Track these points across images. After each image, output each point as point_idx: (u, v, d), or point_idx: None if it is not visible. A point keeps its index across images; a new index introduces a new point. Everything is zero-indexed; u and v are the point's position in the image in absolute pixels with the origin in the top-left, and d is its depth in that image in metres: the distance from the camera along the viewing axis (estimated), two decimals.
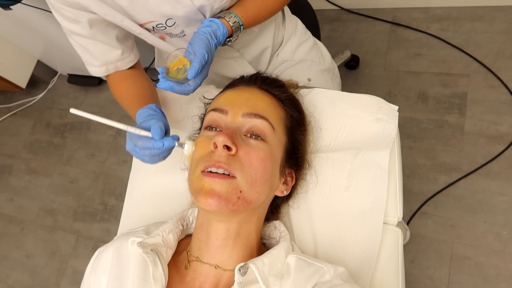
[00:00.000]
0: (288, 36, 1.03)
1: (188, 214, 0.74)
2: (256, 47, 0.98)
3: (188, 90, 0.68)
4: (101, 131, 2.09)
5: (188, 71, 0.65)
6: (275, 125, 0.66)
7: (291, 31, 1.03)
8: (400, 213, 0.73)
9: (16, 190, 2.14)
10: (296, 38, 1.03)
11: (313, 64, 1.04)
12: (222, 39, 0.73)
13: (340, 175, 0.75)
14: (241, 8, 0.77)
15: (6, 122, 2.37)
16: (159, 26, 0.78)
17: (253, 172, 0.60)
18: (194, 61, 0.66)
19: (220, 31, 0.72)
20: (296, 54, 1.03)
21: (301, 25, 1.07)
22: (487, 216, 1.36)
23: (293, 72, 0.99)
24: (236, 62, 0.98)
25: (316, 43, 1.08)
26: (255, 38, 0.96)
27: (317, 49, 1.07)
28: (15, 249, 1.99)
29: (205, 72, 0.69)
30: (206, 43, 0.69)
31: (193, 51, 0.67)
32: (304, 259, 0.62)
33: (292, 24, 1.04)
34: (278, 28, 1.00)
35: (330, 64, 1.08)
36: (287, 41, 1.03)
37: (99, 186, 1.97)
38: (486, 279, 1.30)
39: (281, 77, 0.78)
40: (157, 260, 0.62)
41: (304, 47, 1.04)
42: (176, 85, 0.66)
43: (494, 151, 1.42)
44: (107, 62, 0.83)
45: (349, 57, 1.69)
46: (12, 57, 2.08)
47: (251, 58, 0.99)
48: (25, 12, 1.58)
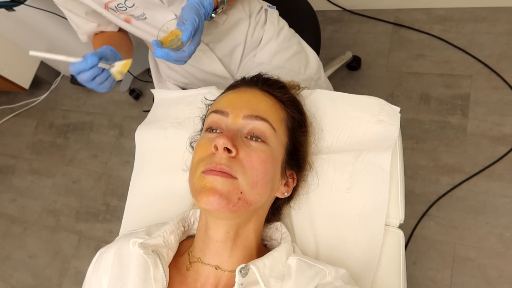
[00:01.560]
0: (268, 39, 1.01)
1: (190, 215, 0.74)
2: (226, 43, 0.97)
3: (183, 56, 0.71)
4: (104, 131, 2.10)
5: (182, 33, 0.69)
6: (276, 126, 0.66)
7: (272, 34, 1.01)
8: (402, 215, 0.73)
9: (19, 190, 2.15)
10: (276, 42, 1.01)
11: (290, 72, 1.01)
12: (209, 9, 0.76)
13: (341, 176, 0.74)
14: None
15: (9, 122, 2.38)
16: (120, 6, 0.82)
17: (254, 173, 0.60)
18: (186, 24, 0.69)
19: (206, 1, 0.75)
20: (274, 59, 1.01)
21: (287, 30, 1.05)
22: (489, 218, 1.35)
23: None
24: (204, 54, 0.97)
25: (301, 51, 1.06)
26: (226, 34, 0.96)
27: (300, 58, 1.04)
28: (17, 249, 2.00)
29: (197, 38, 0.72)
30: (195, 10, 0.73)
31: (184, 19, 0.71)
32: (305, 260, 0.62)
33: (274, 28, 1.02)
34: (254, 28, 0.99)
35: (312, 74, 1.05)
36: (266, 43, 1.01)
37: (101, 187, 1.98)
38: (489, 281, 1.29)
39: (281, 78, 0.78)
40: (158, 261, 0.62)
41: (284, 54, 1.02)
42: (171, 52, 0.70)
43: (497, 153, 1.42)
44: (87, 32, 0.96)
45: (350, 58, 1.69)
46: (15, 58, 2.08)
47: (222, 54, 0.99)
48: (28, 13, 1.59)
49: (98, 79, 0.73)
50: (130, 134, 2.03)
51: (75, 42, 1.82)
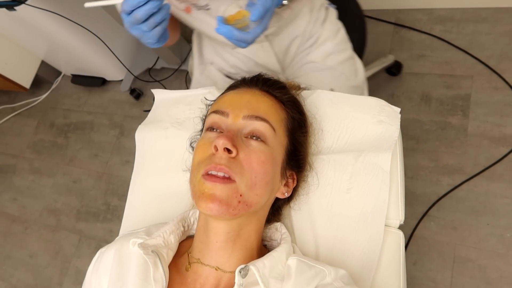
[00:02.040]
0: (325, 38, 0.97)
1: (189, 215, 0.74)
2: (285, 37, 0.94)
3: (247, 37, 0.65)
4: (104, 131, 2.10)
5: (251, 13, 0.63)
6: (276, 127, 0.66)
7: (330, 34, 0.97)
8: (402, 215, 0.73)
9: (19, 190, 2.15)
10: (332, 43, 0.97)
11: (342, 76, 0.97)
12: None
13: (341, 177, 0.74)
14: None
15: (10, 122, 2.38)
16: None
17: (253, 175, 0.60)
18: (257, 4, 0.63)
19: None
20: (328, 59, 0.97)
21: (343, 33, 1.01)
22: (490, 219, 1.35)
23: (317, 77, 0.95)
24: (262, 47, 0.94)
25: (353, 57, 1.02)
26: (285, 28, 0.92)
27: (352, 63, 1.00)
28: (18, 248, 2.00)
29: (265, 22, 0.66)
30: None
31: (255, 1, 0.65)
32: (305, 261, 0.62)
33: (333, 28, 0.98)
34: (313, 24, 0.95)
35: (361, 83, 1.01)
36: (323, 43, 0.97)
37: (102, 186, 1.98)
38: (489, 281, 1.29)
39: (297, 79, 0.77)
40: (157, 261, 0.62)
41: (339, 56, 0.97)
42: (235, 31, 0.64)
43: (497, 153, 1.42)
44: None
45: (392, 62, 1.61)
46: (16, 57, 2.09)
47: (279, 49, 0.96)
48: (29, 12, 1.59)
49: (152, 20, 0.64)
50: (130, 134, 2.03)
51: (76, 42, 1.82)
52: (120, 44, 1.99)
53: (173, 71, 1.99)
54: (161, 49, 1.80)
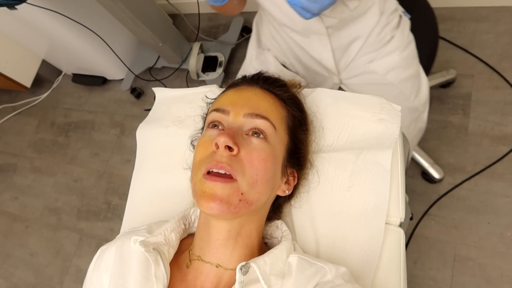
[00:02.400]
0: (394, 48, 0.90)
1: (190, 213, 0.74)
2: (347, 34, 0.87)
3: (313, 7, 0.63)
4: (105, 130, 2.10)
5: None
6: (277, 124, 0.66)
7: (399, 45, 0.91)
8: (402, 213, 0.73)
9: (20, 188, 2.15)
10: (400, 56, 0.90)
11: (400, 95, 0.91)
12: None
13: (342, 175, 0.74)
14: None
15: (11, 121, 2.38)
16: None
17: (254, 172, 0.60)
18: None
19: None
20: (390, 74, 0.90)
21: (413, 48, 0.94)
22: (490, 217, 1.35)
23: (374, 91, 0.89)
24: (319, 39, 0.88)
25: (417, 76, 0.94)
26: (349, 23, 0.86)
27: (414, 83, 0.93)
28: (19, 247, 2.01)
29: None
30: None
31: None
32: (306, 258, 0.62)
33: (403, 39, 0.91)
34: (382, 27, 0.89)
35: (420, 105, 0.95)
36: (390, 53, 0.90)
37: (102, 185, 1.98)
38: (490, 280, 1.29)
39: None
40: (159, 259, 0.62)
41: (402, 72, 0.91)
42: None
43: (498, 152, 1.42)
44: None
45: (452, 78, 1.52)
46: (17, 56, 2.09)
47: (337, 45, 0.90)
48: (30, 11, 1.59)
49: None
50: (131, 133, 2.03)
51: (77, 41, 1.83)
52: (121, 43, 1.99)
53: (173, 70, 1.99)
54: (162, 48, 1.80)
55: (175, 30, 1.86)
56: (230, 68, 1.96)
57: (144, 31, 1.68)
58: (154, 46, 1.81)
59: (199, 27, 1.90)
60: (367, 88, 0.90)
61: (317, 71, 0.95)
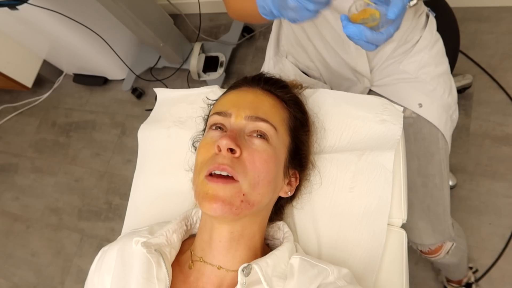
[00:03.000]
0: (422, 47, 0.90)
1: (192, 214, 0.74)
2: None
3: (380, 38, 0.58)
4: (106, 130, 2.10)
5: (389, 9, 0.55)
6: (278, 126, 0.66)
7: (428, 43, 0.90)
8: (404, 214, 0.73)
9: (21, 188, 2.16)
10: (429, 54, 0.90)
11: (434, 92, 0.89)
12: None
13: (344, 176, 0.74)
14: None
15: (12, 121, 2.38)
16: None
17: (256, 174, 0.60)
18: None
19: None
20: (421, 71, 0.89)
21: (441, 45, 0.93)
22: (492, 218, 1.35)
23: (407, 89, 0.89)
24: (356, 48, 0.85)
25: (449, 73, 0.93)
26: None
27: (446, 80, 0.92)
28: (20, 247, 2.01)
29: (399, 20, 0.58)
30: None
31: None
32: (308, 260, 0.62)
33: (431, 37, 0.91)
34: (412, 29, 0.88)
35: (453, 102, 0.93)
36: (419, 52, 0.90)
37: (103, 185, 1.98)
38: (491, 281, 1.29)
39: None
40: (161, 260, 0.62)
41: (434, 70, 0.89)
42: (367, 30, 0.56)
43: (500, 153, 1.42)
44: None
45: (469, 83, 1.50)
46: (19, 56, 2.09)
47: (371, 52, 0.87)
48: (31, 12, 1.59)
49: None
50: (132, 133, 2.03)
51: (78, 41, 1.83)
52: (122, 43, 1.99)
53: (174, 70, 1.99)
54: (163, 49, 1.80)
55: (176, 30, 1.86)
56: (231, 68, 1.96)
57: (145, 31, 1.68)
58: (155, 46, 1.81)
59: (200, 27, 1.90)
60: (401, 86, 0.89)
61: (346, 76, 0.94)
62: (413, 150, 0.89)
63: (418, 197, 0.90)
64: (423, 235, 0.92)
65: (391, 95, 0.90)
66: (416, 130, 0.89)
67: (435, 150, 0.90)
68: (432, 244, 0.94)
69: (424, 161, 0.89)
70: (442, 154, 0.90)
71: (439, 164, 0.90)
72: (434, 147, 0.89)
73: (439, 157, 0.90)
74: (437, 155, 0.90)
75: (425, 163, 0.89)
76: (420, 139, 0.89)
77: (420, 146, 0.89)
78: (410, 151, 0.88)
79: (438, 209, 0.91)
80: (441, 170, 0.90)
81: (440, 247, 0.97)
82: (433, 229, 0.92)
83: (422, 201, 0.90)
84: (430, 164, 0.89)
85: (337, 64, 0.92)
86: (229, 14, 0.81)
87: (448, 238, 0.95)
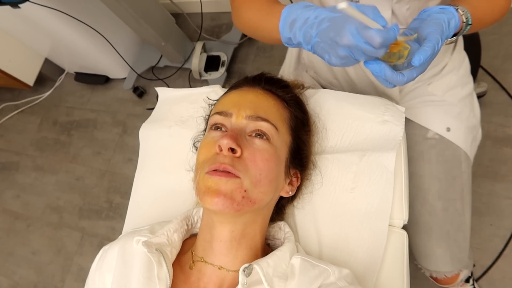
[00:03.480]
0: (451, 68, 0.87)
1: (193, 213, 0.74)
2: None
3: (400, 80, 0.55)
4: (107, 129, 2.10)
5: (415, 55, 0.52)
6: (279, 125, 0.66)
7: (456, 64, 0.88)
8: (405, 215, 0.73)
9: (22, 187, 2.16)
10: (457, 75, 0.87)
11: (461, 114, 0.86)
12: (452, 32, 0.59)
13: (345, 176, 0.74)
14: (469, 5, 0.64)
15: (13, 119, 2.38)
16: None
17: (258, 172, 0.60)
18: (426, 44, 0.53)
19: (454, 22, 0.58)
20: (448, 94, 0.86)
21: (467, 64, 0.91)
22: (493, 219, 1.35)
23: (434, 112, 0.87)
24: None
25: (473, 92, 0.91)
26: None
27: (470, 100, 0.90)
28: (21, 245, 2.01)
29: (426, 65, 0.56)
30: (442, 30, 0.56)
31: (423, 36, 0.55)
32: (309, 260, 0.62)
33: (459, 57, 0.89)
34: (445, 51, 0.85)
35: (477, 122, 0.92)
36: (447, 73, 0.87)
37: (104, 184, 1.98)
38: (491, 282, 1.29)
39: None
40: (162, 259, 0.62)
41: (460, 91, 0.87)
42: (388, 69, 0.54)
43: (501, 154, 1.41)
44: None
45: (484, 91, 1.47)
46: (20, 55, 2.09)
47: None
48: (33, 10, 1.59)
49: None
50: (133, 132, 2.03)
51: (79, 40, 1.83)
52: (124, 42, 1.99)
53: (176, 69, 1.99)
54: (165, 48, 1.80)
55: (177, 29, 1.86)
56: (233, 67, 1.95)
57: (147, 30, 1.67)
58: (156, 45, 1.80)
59: (202, 26, 1.90)
60: (427, 110, 0.87)
61: (368, 92, 0.91)
62: (434, 173, 0.86)
63: (437, 221, 0.86)
64: (439, 262, 0.88)
65: (418, 118, 0.88)
66: (439, 152, 0.87)
67: (457, 174, 0.87)
68: (449, 272, 0.89)
69: (446, 184, 0.86)
70: (465, 178, 0.88)
71: (461, 188, 0.87)
72: (456, 170, 0.87)
73: (461, 180, 0.87)
74: (459, 179, 0.87)
75: (446, 187, 0.86)
76: (442, 161, 0.86)
77: (442, 168, 0.86)
78: (431, 173, 0.86)
79: (458, 235, 0.87)
80: (462, 195, 0.87)
81: (457, 276, 0.92)
82: (451, 257, 0.88)
83: (442, 226, 0.86)
84: (451, 187, 0.86)
85: (364, 84, 0.90)
86: (235, 24, 0.77)
87: (466, 266, 0.91)
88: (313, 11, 0.55)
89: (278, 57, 1.88)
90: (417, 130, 0.88)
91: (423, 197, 0.87)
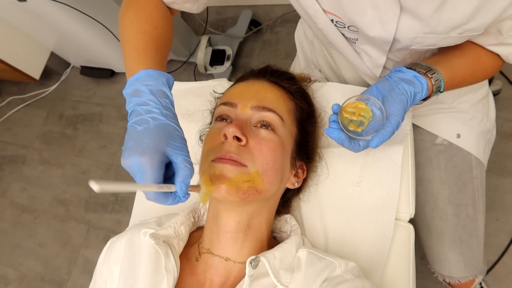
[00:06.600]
0: None
1: (200, 206, 0.74)
2: None
3: (355, 149, 0.62)
4: (113, 123, 2.11)
5: (373, 138, 0.58)
6: (284, 116, 0.66)
7: None
8: (412, 209, 0.73)
9: (29, 180, 2.17)
10: None
11: (473, 120, 0.85)
12: (416, 103, 0.63)
13: (352, 169, 0.74)
14: (447, 69, 0.65)
15: (19, 113, 2.40)
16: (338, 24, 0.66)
17: (264, 161, 0.60)
18: (385, 128, 0.58)
19: (420, 95, 0.62)
20: (459, 101, 0.84)
21: None
22: (499, 214, 1.34)
23: (444, 120, 0.85)
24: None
25: (487, 95, 0.88)
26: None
27: (484, 103, 0.87)
28: (28, 237, 2.03)
29: (382, 142, 0.59)
30: (403, 108, 0.59)
31: (385, 111, 0.59)
32: (315, 253, 0.62)
33: None
34: None
35: (491, 125, 0.89)
36: None
37: (110, 177, 1.99)
38: (497, 277, 1.28)
39: None
40: (169, 251, 0.62)
41: (473, 97, 0.85)
42: (346, 140, 0.61)
43: (507, 149, 1.40)
44: None
45: (498, 89, 1.46)
46: (26, 48, 2.10)
47: None
48: (39, 4, 1.60)
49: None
50: None
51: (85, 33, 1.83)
52: None
53: (181, 63, 1.99)
54: None
55: (183, 23, 1.85)
56: (238, 61, 1.95)
57: None
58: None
59: (207, 20, 1.89)
60: (436, 116, 0.86)
61: None
62: (443, 178, 0.85)
63: (449, 226, 0.86)
64: (453, 267, 0.88)
65: (427, 125, 0.87)
66: (448, 158, 0.85)
67: (468, 179, 0.85)
68: (463, 277, 0.88)
69: (455, 189, 0.85)
70: (476, 183, 0.86)
71: (472, 193, 0.86)
72: (467, 176, 0.85)
73: (472, 186, 0.86)
74: (470, 184, 0.85)
75: (456, 192, 0.85)
76: (451, 167, 0.85)
77: (450, 174, 0.85)
78: (440, 178, 0.85)
79: (471, 241, 0.87)
80: (474, 200, 0.86)
81: (472, 282, 0.91)
82: (465, 262, 0.87)
83: (454, 231, 0.86)
84: (462, 193, 0.85)
85: (356, 83, 0.88)
86: (119, 15, 0.74)
87: (481, 272, 0.90)
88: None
89: (284, 51, 1.87)
90: (426, 136, 0.87)
91: (434, 202, 0.86)
